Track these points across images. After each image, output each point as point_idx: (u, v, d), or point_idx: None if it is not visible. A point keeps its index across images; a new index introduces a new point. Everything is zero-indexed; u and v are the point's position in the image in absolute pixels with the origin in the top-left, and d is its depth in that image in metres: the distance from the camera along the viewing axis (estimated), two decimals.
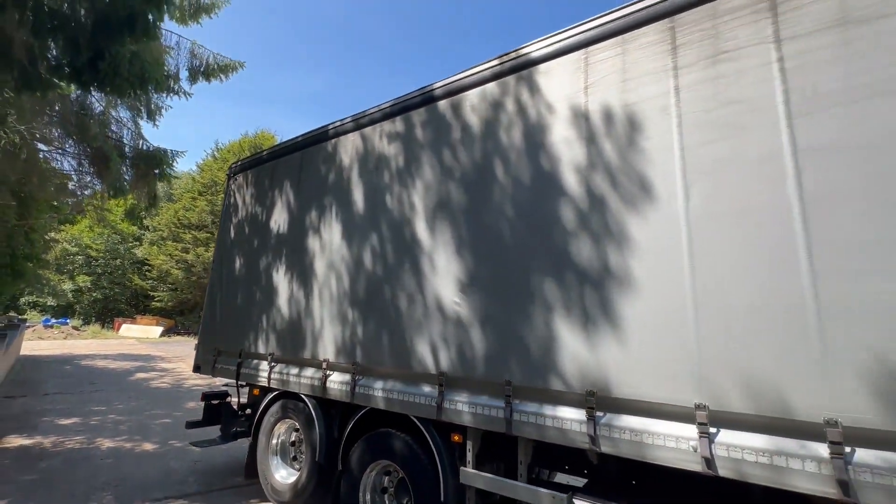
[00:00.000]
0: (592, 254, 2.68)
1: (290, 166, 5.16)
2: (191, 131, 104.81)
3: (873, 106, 2.03)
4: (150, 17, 3.09)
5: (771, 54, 2.32)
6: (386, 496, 3.69)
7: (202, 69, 7.43)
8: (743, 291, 2.21)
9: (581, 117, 2.90)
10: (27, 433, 6.76)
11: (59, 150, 7.41)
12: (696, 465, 2.19)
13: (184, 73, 7.33)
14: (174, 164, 7.13)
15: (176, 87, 6.74)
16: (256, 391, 4.96)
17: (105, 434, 6.83)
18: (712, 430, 2.19)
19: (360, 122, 4.42)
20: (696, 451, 2.19)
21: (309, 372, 4.18)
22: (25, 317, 29.24)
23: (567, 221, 2.82)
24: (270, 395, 4.68)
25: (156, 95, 6.31)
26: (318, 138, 4.88)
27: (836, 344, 1.96)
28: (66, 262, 35.74)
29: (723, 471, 2.12)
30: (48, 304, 37.59)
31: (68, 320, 32.90)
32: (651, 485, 2.78)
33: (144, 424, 7.48)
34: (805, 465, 1.95)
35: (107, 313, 37.25)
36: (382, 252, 3.82)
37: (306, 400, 4.23)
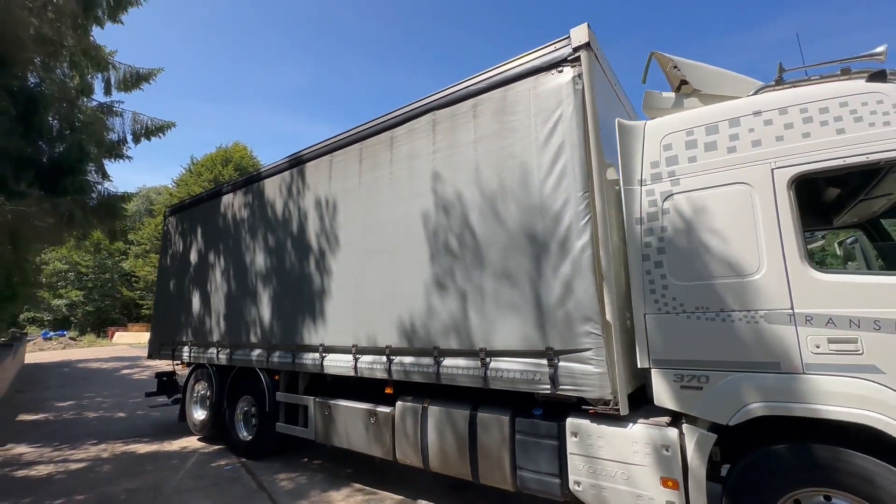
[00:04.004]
0: (317, 272, 5.12)
1: (201, 212, 7.54)
2: (180, 136, 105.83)
3: (407, 206, 4.42)
4: (83, 165, 5.40)
5: (387, 171, 4.72)
6: (253, 418, 6.17)
7: (143, 132, 9.75)
8: (374, 291, 4.62)
9: (320, 196, 5.30)
10: (35, 412, 9.21)
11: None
12: (351, 373, 4.66)
13: (129, 136, 9.67)
14: (127, 206, 9.57)
15: (123, 152, 9.09)
16: (184, 366, 7.42)
17: (92, 409, 9.30)
18: (358, 356, 4.64)
19: (235, 186, 6.81)
20: (352, 367, 4.65)
21: (209, 350, 6.62)
22: (26, 331, 31.54)
23: (310, 254, 5.25)
24: (192, 367, 7.14)
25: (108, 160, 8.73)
26: (215, 194, 7.27)
27: (386, 313, 4.39)
28: (59, 280, 37.89)
29: (360, 374, 4.59)
30: (45, 319, 39.93)
31: (66, 332, 35.24)
32: (349, 388, 5.21)
33: (121, 402, 9.97)
34: (381, 366, 4.41)
35: (101, 323, 39.64)
36: (241, 272, 6.23)
37: (209, 367, 6.68)
